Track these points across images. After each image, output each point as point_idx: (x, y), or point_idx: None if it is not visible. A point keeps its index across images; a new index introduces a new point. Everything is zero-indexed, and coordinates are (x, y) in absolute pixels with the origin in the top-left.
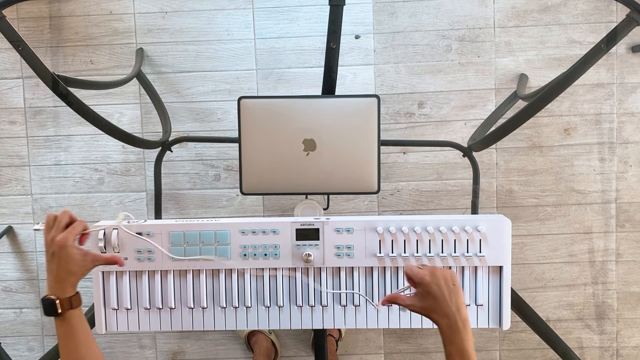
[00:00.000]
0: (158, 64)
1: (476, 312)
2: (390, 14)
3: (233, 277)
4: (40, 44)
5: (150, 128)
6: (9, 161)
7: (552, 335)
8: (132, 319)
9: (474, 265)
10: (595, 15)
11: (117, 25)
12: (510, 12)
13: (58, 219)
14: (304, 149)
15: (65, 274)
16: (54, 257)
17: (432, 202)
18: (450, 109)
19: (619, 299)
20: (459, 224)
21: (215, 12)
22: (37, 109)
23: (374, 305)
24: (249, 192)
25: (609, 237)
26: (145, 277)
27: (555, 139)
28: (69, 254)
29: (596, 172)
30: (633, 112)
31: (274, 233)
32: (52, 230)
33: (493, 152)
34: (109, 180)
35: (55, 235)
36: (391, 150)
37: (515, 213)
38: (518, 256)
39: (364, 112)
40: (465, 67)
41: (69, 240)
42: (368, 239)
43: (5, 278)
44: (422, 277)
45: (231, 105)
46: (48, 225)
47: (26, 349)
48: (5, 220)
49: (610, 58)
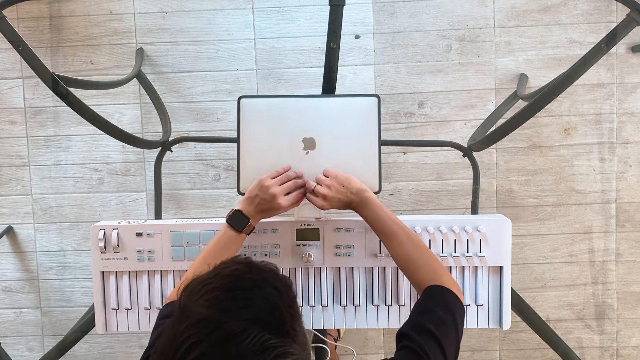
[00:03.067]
0: (158, 64)
1: (476, 312)
2: (390, 14)
3: None
4: (40, 44)
5: (150, 128)
6: (9, 161)
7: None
8: (132, 319)
9: (474, 265)
10: (595, 15)
11: (117, 25)
12: (510, 12)
13: (283, 178)
14: (304, 148)
15: (267, 213)
16: (261, 200)
17: (432, 202)
18: (450, 109)
19: (619, 299)
20: (459, 224)
21: (215, 12)
22: (37, 109)
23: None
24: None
25: (609, 237)
26: (145, 277)
27: (555, 139)
28: (273, 207)
29: (596, 172)
30: (633, 112)
31: (273, 233)
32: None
33: (493, 152)
34: (109, 180)
35: (272, 186)
36: (391, 150)
37: (515, 213)
38: (518, 256)
39: (364, 111)
40: (465, 67)
41: (277, 193)
42: (368, 239)
43: (5, 278)
44: (324, 197)
45: (231, 105)
46: (277, 174)
47: (26, 349)
48: (5, 220)
49: (610, 58)
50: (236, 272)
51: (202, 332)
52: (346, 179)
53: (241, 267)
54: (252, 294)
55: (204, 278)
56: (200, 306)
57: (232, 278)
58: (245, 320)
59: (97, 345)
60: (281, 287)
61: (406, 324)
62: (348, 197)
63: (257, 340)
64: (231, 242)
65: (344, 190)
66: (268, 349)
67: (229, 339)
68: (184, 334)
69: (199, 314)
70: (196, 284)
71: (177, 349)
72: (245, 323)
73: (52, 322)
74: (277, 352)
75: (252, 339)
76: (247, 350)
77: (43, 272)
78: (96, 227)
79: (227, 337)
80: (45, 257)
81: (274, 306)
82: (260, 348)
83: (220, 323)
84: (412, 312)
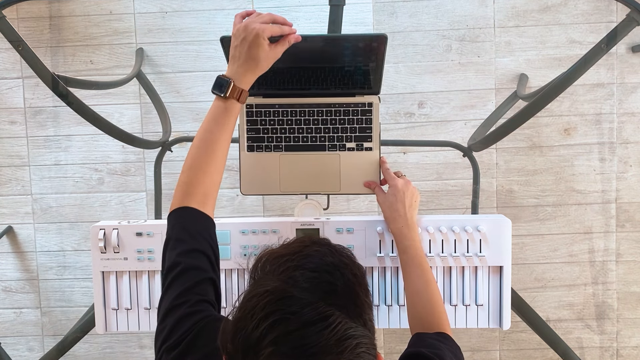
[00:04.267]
0: (158, 64)
1: (476, 312)
2: (390, 14)
3: (233, 277)
4: (40, 44)
5: (150, 128)
6: (9, 161)
7: (552, 335)
8: (132, 319)
9: (474, 265)
10: (595, 15)
11: (117, 25)
12: (510, 12)
13: (257, 13)
14: None
15: (252, 62)
16: (244, 42)
17: (432, 202)
18: (450, 109)
19: (619, 299)
20: (459, 224)
21: (215, 12)
22: (37, 109)
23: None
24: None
25: (609, 237)
26: (145, 277)
27: (555, 139)
28: (260, 43)
29: (596, 172)
30: (633, 112)
31: (274, 233)
32: (249, 18)
33: (493, 152)
34: (109, 180)
35: (252, 22)
36: (391, 150)
37: (515, 213)
38: (518, 256)
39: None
40: (465, 67)
41: (265, 31)
42: (368, 239)
43: (5, 278)
44: (395, 182)
45: None
46: (246, 13)
47: (26, 349)
48: (5, 220)
49: (610, 58)
50: (317, 254)
51: (286, 311)
52: (418, 199)
53: (322, 249)
54: (334, 279)
55: (282, 253)
56: (284, 283)
57: (314, 259)
58: (330, 304)
59: (97, 345)
60: (359, 274)
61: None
62: (405, 210)
63: (340, 327)
64: (221, 113)
65: (410, 202)
66: (349, 338)
67: (314, 322)
68: (266, 308)
69: (283, 290)
70: (275, 257)
71: (258, 325)
72: (330, 308)
73: (52, 322)
74: (358, 341)
75: (337, 326)
76: (330, 335)
77: (43, 272)
78: (96, 227)
79: (312, 319)
80: (45, 257)
81: (356, 293)
82: (343, 335)
83: (305, 304)
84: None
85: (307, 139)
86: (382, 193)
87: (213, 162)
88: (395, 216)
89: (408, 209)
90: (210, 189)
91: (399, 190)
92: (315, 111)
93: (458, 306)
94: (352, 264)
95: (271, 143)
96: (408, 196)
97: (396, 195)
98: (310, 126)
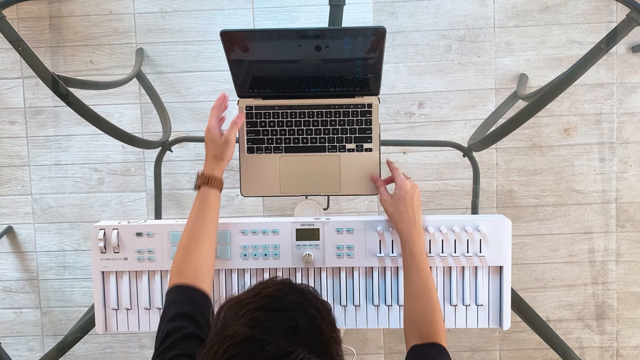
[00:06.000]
0: (158, 64)
1: (476, 312)
2: (390, 14)
3: (233, 277)
4: (40, 44)
5: (150, 128)
6: (9, 161)
7: (552, 335)
8: (132, 319)
9: (474, 265)
10: (595, 15)
11: (117, 25)
12: (510, 12)
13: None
14: None
15: (212, 157)
16: (205, 142)
17: (432, 202)
18: (450, 109)
19: (619, 299)
20: (459, 224)
21: (215, 12)
22: (37, 109)
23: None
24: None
25: (609, 237)
26: (145, 277)
27: (555, 139)
28: (212, 138)
29: (596, 172)
30: (633, 112)
31: (274, 233)
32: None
33: (493, 152)
34: (109, 180)
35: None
36: (391, 150)
37: (515, 213)
38: (518, 256)
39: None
40: (465, 67)
41: (210, 130)
42: (368, 239)
43: (5, 278)
44: (404, 184)
45: (231, 106)
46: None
47: (26, 349)
48: (5, 220)
49: (610, 58)
50: (278, 293)
51: (247, 352)
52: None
53: (283, 288)
54: (296, 315)
55: (243, 297)
56: (243, 326)
57: (274, 298)
58: (292, 342)
59: (97, 345)
60: (323, 309)
61: None
62: (413, 212)
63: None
64: (201, 201)
65: (417, 205)
66: None
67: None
68: (226, 353)
69: (242, 333)
70: (235, 303)
71: None
72: (292, 345)
73: (52, 322)
74: None
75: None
76: None
77: (43, 272)
78: (96, 227)
79: (275, 357)
80: (45, 257)
81: (319, 329)
82: None
83: (265, 344)
84: None
85: (307, 140)
86: (387, 193)
87: (201, 247)
88: (405, 218)
89: (416, 211)
90: (202, 265)
91: (408, 191)
92: (315, 112)
93: (458, 306)
94: (315, 300)
95: (271, 144)
96: (416, 199)
97: (405, 197)
98: (310, 127)
